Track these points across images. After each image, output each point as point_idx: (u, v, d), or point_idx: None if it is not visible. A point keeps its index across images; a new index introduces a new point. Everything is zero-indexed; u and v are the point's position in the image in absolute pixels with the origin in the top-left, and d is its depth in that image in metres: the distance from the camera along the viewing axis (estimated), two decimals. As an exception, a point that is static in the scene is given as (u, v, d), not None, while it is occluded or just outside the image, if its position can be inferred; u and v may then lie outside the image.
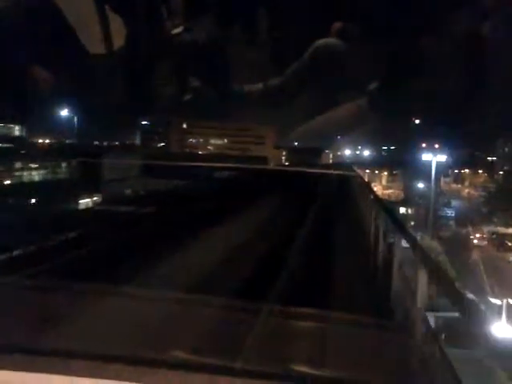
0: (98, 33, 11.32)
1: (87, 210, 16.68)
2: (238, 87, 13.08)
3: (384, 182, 44.81)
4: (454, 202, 38.46)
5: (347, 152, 42.21)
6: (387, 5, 13.14)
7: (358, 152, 42.29)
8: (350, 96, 16.14)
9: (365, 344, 3.65)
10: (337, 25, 13.83)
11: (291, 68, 13.22)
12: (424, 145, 36.59)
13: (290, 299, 4.88)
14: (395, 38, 13.64)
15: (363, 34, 13.50)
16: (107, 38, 11.47)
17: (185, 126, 44.74)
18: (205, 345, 3.42)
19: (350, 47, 13.42)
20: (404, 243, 4.48)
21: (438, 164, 36.88)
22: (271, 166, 34.59)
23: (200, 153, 42.44)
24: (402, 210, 36.20)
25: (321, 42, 13.50)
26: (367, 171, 41.76)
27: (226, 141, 44.55)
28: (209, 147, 44.35)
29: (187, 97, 12.37)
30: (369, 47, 13.58)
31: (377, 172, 43.35)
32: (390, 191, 42.98)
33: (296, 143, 36.37)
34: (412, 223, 34.14)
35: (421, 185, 40.67)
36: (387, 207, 6.22)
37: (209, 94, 12.87)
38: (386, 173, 44.88)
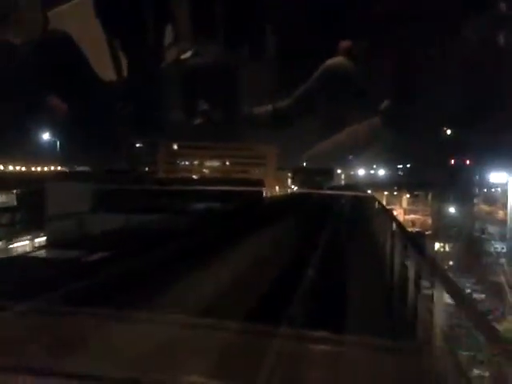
0: (108, 60, 13.65)
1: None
2: (248, 110, 15.35)
3: (405, 204, 44.19)
4: (491, 228, 36.15)
5: (361, 172, 43.76)
6: (395, 20, 15.57)
7: (372, 171, 43.60)
8: (361, 115, 18.37)
9: (381, 368, 4.03)
10: (345, 43, 16.24)
11: (300, 89, 15.52)
12: (453, 161, 36.01)
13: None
14: (405, 53, 16.02)
15: (372, 52, 15.82)
16: (117, 64, 13.80)
17: (175, 147, 46.29)
18: (218, 369, 3.84)
19: (359, 65, 15.75)
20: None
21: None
22: (267, 192, 33.74)
23: (194, 177, 43.80)
24: (437, 245, 32.72)
25: (329, 61, 15.85)
26: (385, 193, 42.89)
27: (222, 163, 45.98)
28: (204, 170, 45.87)
29: (196, 121, 14.55)
30: (378, 64, 15.90)
31: (395, 193, 43.45)
32: (414, 217, 40.62)
33: (305, 163, 38.08)
34: (451, 263, 30.79)
35: (452, 209, 36.88)
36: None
37: (218, 118, 15.07)
38: (407, 195, 43.97)
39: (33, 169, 38.47)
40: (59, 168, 31.86)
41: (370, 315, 5.64)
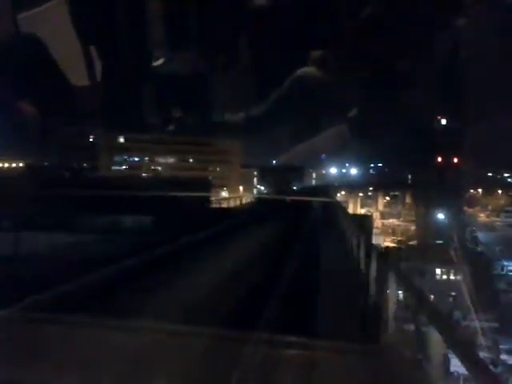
0: (81, 66, 16.39)
1: None
2: (220, 117, 18.48)
3: (381, 207, 44.08)
4: (481, 235, 37.52)
5: (333, 171, 46.86)
6: (364, 33, 19.12)
7: (344, 170, 46.57)
8: (331, 122, 21.84)
9: (353, 372, 4.77)
10: (316, 54, 19.59)
11: (272, 97, 18.77)
12: (440, 159, 36.22)
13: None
14: (373, 64, 19.61)
15: (342, 62, 19.24)
16: (90, 70, 16.55)
17: (122, 140, 46.49)
18: (195, 376, 4.49)
19: (329, 75, 19.12)
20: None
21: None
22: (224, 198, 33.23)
23: (144, 175, 44.72)
24: (438, 271, 30.49)
25: (300, 71, 19.18)
26: (360, 194, 45.54)
27: (178, 159, 46.76)
28: (157, 167, 46.54)
29: (169, 128, 17.51)
30: (348, 75, 19.35)
31: (370, 194, 44.34)
32: (393, 222, 41.93)
33: (274, 161, 40.12)
34: (453, 293, 29.05)
35: (441, 215, 37.59)
36: None
37: (191, 124, 18.09)
38: (386, 197, 43.94)
39: None
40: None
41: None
